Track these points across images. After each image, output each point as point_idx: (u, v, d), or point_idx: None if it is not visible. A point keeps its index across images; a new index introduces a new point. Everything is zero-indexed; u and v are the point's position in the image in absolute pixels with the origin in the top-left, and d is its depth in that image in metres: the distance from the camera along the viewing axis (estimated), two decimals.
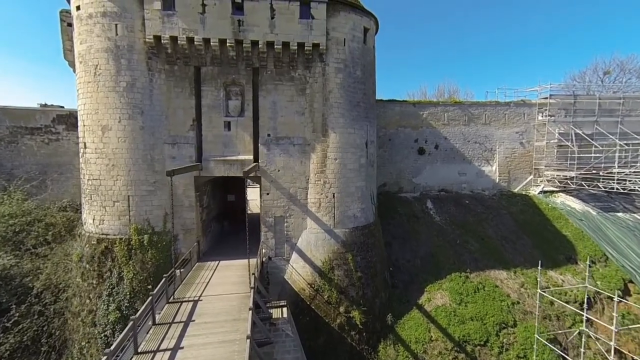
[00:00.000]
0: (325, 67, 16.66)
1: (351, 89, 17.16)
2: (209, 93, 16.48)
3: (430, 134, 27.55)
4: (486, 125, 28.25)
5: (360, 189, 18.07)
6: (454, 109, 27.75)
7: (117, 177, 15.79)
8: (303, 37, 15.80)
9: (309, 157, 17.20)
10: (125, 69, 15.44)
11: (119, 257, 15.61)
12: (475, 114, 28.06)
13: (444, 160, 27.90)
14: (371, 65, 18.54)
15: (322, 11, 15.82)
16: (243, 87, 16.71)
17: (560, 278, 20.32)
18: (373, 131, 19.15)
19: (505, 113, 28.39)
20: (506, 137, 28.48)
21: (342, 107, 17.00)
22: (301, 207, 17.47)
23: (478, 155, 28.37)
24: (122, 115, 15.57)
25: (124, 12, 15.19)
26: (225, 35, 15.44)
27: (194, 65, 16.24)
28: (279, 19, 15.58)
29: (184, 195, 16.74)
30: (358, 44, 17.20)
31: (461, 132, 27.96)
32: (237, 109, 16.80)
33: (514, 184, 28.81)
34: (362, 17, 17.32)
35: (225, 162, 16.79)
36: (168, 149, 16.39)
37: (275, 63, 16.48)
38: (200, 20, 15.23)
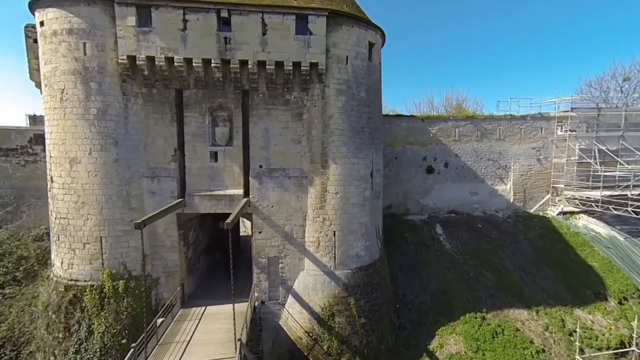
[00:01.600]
0: (325, 88, 14.60)
1: (355, 113, 15.09)
2: (193, 119, 14.49)
3: (440, 151, 25.43)
4: (500, 140, 26.09)
5: (365, 224, 16.04)
6: (465, 124, 25.60)
7: (87, 216, 13.85)
8: (299, 56, 13.75)
9: (306, 191, 15.18)
10: (96, 94, 13.47)
11: (89, 308, 13.71)
12: (489, 129, 25.90)
13: (455, 179, 25.79)
14: (377, 84, 16.45)
15: (321, 26, 13.76)
16: (231, 112, 14.70)
17: (589, 318, 18.23)
18: (379, 158, 17.09)
19: (521, 128, 26.21)
20: (522, 153, 26.31)
21: (344, 134, 14.94)
22: (298, 246, 15.49)
23: (491, 173, 26.25)
24: (92, 146, 13.61)
25: (93, 29, 13.20)
26: (210, 55, 13.43)
27: (175, 88, 14.25)
28: (272, 35, 13.54)
29: (165, 235, 14.80)
30: (362, 62, 15.11)
31: (473, 148, 25.82)
32: (225, 137, 14.80)
33: (529, 204, 26.66)
34: (367, 30, 15.22)
35: (212, 197, 14.82)
36: (147, 183, 14.44)
37: (267, 85, 14.45)
38: (181, 37, 13.23)
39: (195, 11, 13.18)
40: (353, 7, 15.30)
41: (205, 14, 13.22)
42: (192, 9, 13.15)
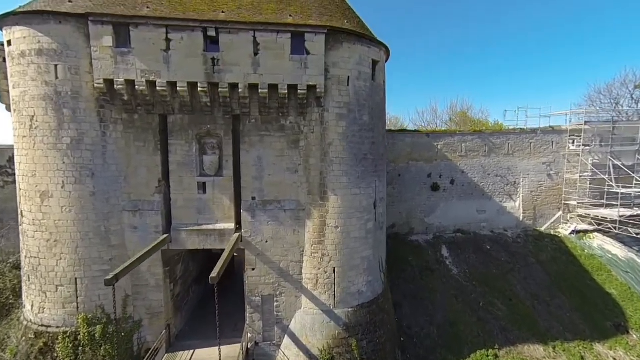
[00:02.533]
0: (324, 113, 13.25)
1: (357, 140, 13.73)
2: (179, 147, 13.14)
3: (446, 168, 24.09)
4: (509, 155, 24.75)
5: (367, 259, 14.71)
6: (473, 139, 24.25)
7: (60, 255, 12.52)
8: (295, 78, 12.39)
9: (303, 225, 13.84)
10: (70, 121, 12.12)
11: (62, 358, 12.37)
12: (497, 143, 24.55)
13: (461, 196, 24.45)
14: (381, 105, 15.10)
15: (319, 44, 12.40)
16: (221, 140, 13.35)
17: (611, 355, 16.91)
18: (383, 186, 15.73)
19: (531, 142, 24.86)
20: (532, 168, 24.97)
21: (345, 162, 13.59)
22: (294, 283, 14.16)
23: (499, 189, 24.91)
24: (66, 178, 12.26)
25: (66, 49, 11.84)
26: (196, 78, 12.07)
27: (159, 113, 12.89)
28: (265, 55, 12.18)
29: (149, 273, 13.48)
30: (365, 82, 13.75)
31: (480, 164, 24.48)
32: (214, 166, 13.45)
33: (540, 222, 25.33)
34: (370, 47, 13.86)
35: (201, 232, 13.48)
36: (128, 218, 13.10)
37: (260, 109, 13.09)
38: (163, 59, 11.87)
39: (179, 30, 11.82)
40: (355, 22, 13.95)
41: (190, 33, 11.87)
42: (176, 27, 11.79)
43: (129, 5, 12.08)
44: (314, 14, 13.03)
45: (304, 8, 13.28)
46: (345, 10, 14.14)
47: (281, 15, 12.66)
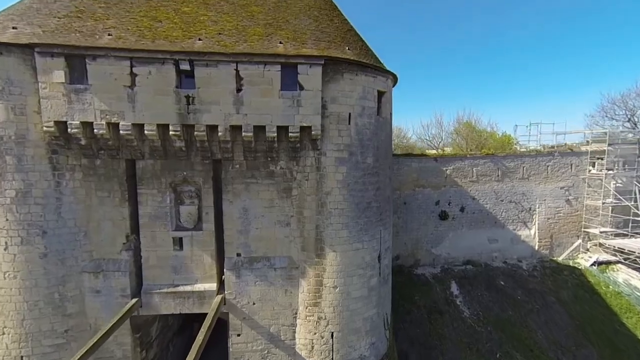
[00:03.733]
0: (321, 157, 11.21)
1: (359, 187, 11.71)
2: (150, 197, 11.13)
3: (455, 194, 22.07)
4: (524, 180, 22.72)
5: (370, 319, 12.71)
6: (484, 162, 22.22)
7: (3, 329, 10.52)
8: (286, 118, 10.37)
9: (297, 285, 11.84)
10: (14, 171, 10.10)
11: None
12: (511, 167, 22.52)
13: (471, 225, 22.45)
14: (387, 142, 13.06)
15: (315, 77, 10.36)
16: (200, 188, 11.34)
17: None
18: (389, 234, 13.72)
19: (548, 165, 22.84)
20: (548, 193, 22.95)
21: (345, 214, 11.57)
22: (286, 349, 12.18)
23: (513, 217, 22.90)
24: (9, 239, 10.25)
25: (9, 85, 9.82)
26: (167, 119, 10.06)
27: (125, 158, 10.88)
28: (249, 92, 10.15)
29: (115, 343, 11.50)
30: (369, 119, 11.71)
31: (493, 189, 22.47)
32: (193, 218, 11.45)
33: (557, 251, 23.35)
34: (376, 77, 11.82)
35: (177, 294, 11.49)
36: (89, 280, 11.10)
37: (245, 153, 11.07)
38: (127, 97, 9.85)
39: (146, 62, 9.80)
40: (357, 47, 11.91)
41: (159, 67, 9.84)
42: (142, 59, 9.77)
43: (86, 33, 10.05)
44: (309, 40, 10.99)
45: (297, 32, 11.25)
46: (346, 34, 12.10)
47: (269, 43, 10.62)
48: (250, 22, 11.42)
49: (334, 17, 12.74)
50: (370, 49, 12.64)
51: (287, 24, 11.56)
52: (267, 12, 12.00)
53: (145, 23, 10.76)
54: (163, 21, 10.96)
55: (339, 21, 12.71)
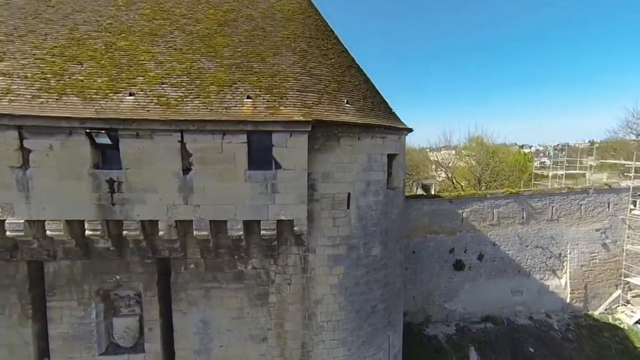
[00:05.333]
0: (308, 255, 7.97)
1: (361, 288, 8.47)
2: (66, 312, 7.90)
3: (472, 240, 18.84)
4: (552, 222, 19.49)
5: None
6: (507, 203, 18.97)
7: None
8: (257, 210, 7.12)
9: None
10: None
11: None
12: (538, 207, 19.29)
13: (491, 274, 19.23)
14: (399, 219, 9.76)
15: (298, 150, 7.09)
16: (140, 294, 8.11)
17: None
18: (399, 336, 10.46)
19: (582, 203, 19.59)
20: (582, 237, 19.73)
21: (342, 326, 8.34)
22: None
23: (540, 264, 19.68)
24: None
25: None
26: (81, 214, 6.83)
27: (26, 260, 7.65)
28: (202, 173, 6.90)
29: None
30: (376, 196, 8.44)
31: (516, 233, 19.24)
32: (132, 334, 8.24)
33: (592, 303, 20.14)
34: (385, 138, 8.54)
35: None
36: None
37: (203, 252, 7.84)
38: (17, 182, 6.61)
39: (45, 133, 6.55)
40: (360, 95, 8.68)
41: (65, 138, 6.60)
42: (38, 129, 6.52)
43: None
44: (291, 91, 7.74)
45: (274, 78, 7.98)
46: (344, 74, 8.86)
47: (233, 98, 7.36)
48: (210, 63, 8.16)
49: (328, 48, 9.48)
50: (378, 94, 9.41)
51: (262, 64, 8.29)
52: (236, 45, 8.73)
53: (56, 66, 7.51)
54: (84, 63, 7.71)
55: (335, 54, 9.45)
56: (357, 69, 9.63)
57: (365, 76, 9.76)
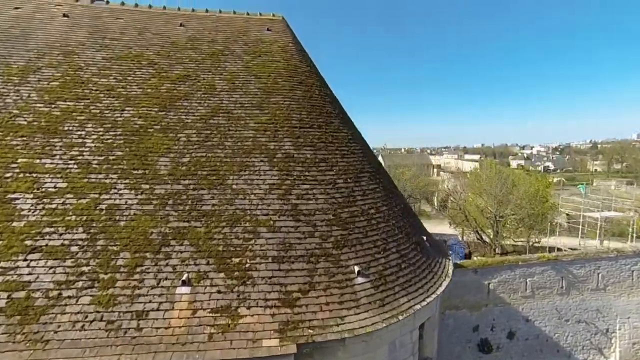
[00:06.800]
0: None
1: None
2: None
3: (501, 316, 15.62)
4: (598, 291, 16.21)
5: None
6: (543, 270, 15.73)
7: None
8: None
9: None
10: None
11: None
12: (580, 275, 16.01)
13: (524, 355, 15.95)
14: None
15: None
16: None
17: None
18: None
19: (634, 269, 16.29)
20: (634, 309, 16.43)
21: None
22: None
23: (583, 342, 16.38)
24: None
25: None
26: None
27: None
28: None
29: None
30: None
31: (554, 306, 15.99)
32: None
33: None
34: (420, 309, 5.34)
35: None
36: None
37: None
38: None
39: None
40: (378, 251, 5.52)
41: None
42: None
43: None
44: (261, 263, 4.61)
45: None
46: (350, 198, 5.69)
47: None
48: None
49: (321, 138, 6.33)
50: (408, 213, 6.22)
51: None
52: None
53: None
54: None
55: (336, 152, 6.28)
56: (372, 172, 6.49)
57: (385, 177, 6.62)
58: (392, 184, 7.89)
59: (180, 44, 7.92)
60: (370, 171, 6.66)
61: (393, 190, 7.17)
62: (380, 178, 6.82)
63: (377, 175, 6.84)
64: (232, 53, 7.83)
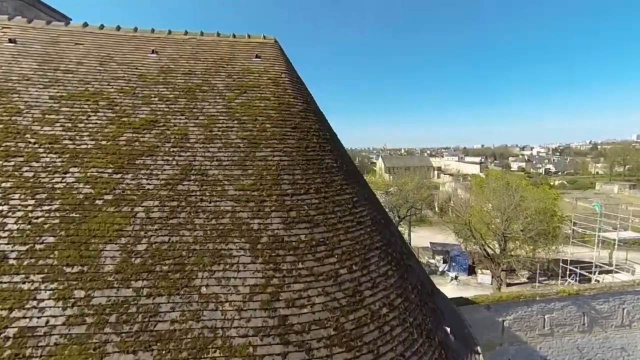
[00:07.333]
0: None
1: None
2: None
3: (517, 355, 14.32)
4: (624, 328, 14.91)
5: None
6: (562, 306, 14.42)
7: None
8: None
9: None
10: None
11: None
12: (604, 310, 14.69)
13: None
14: None
15: None
16: None
17: None
18: None
19: None
20: None
21: None
22: None
23: None
24: None
25: None
26: None
27: None
28: None
29: None
30: None
31: (575, 344, 14.68)
32: None
33: None
34: None
35: None
36: None
37: None
38: None
39: None
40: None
41: None
42: None
43: None
44: None
45: None
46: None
47: None
48: None
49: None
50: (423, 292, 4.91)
51: None
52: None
53: None
54: None
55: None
56: (382, 245, 5.14)
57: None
58: (401, 242, 6.53)
59: (149, 78, 6.54)
60: (380, 245, 5.30)
61: (403, 257, 5.82)
62: (390, 250, 5.46)
63: (388, 246, 5.48)
64: (212, 89, 6.47)
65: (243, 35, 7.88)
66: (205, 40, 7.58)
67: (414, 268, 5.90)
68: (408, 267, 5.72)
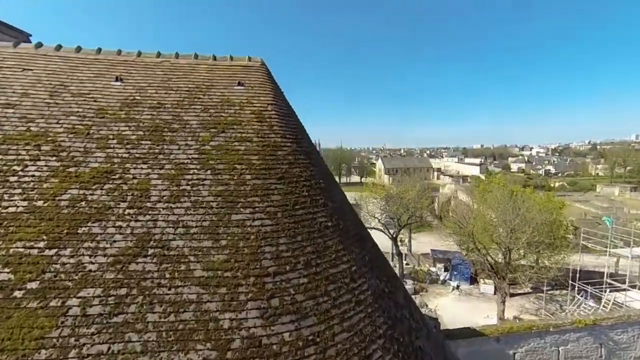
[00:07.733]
0: None
1: None
2: None
3: None
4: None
5: None
6: (578, 337, 13.42)
7: None
8: None
9: None
10: None
11: None
12: (622, 341, 13.71)
13: None
14: None
15: None
16: None
17: None
18: None
19: None
20: None
21: None
22: None
23: None
24: None
25: None
26: None
27: None
28: None
29: None
30: None
31: None
32: None
33: None
34: None
35: None
36: None
37: None
38: None
39: None
40: None
41: None
42: None
43: None
44: None
45: None
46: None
47: None
48: None
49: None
50: None
51: None
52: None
53: None
54: None
55: None
56: (385, 332, 4.08)
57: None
58: (410, 312, 5.49)
59: (109, 113, 5.47)
60: (385, 330, 4.26)
61: (412, 337, 4.78)
62: (396, 334, 4.42)
63: (394, 329, 4.44)
64: (184, 127, 5.41)
65: (225, 57, 6.80)
66: (180, 64, 6.50)
67: (424, 350, 4.85)
68: (419, 350, 4.67)
